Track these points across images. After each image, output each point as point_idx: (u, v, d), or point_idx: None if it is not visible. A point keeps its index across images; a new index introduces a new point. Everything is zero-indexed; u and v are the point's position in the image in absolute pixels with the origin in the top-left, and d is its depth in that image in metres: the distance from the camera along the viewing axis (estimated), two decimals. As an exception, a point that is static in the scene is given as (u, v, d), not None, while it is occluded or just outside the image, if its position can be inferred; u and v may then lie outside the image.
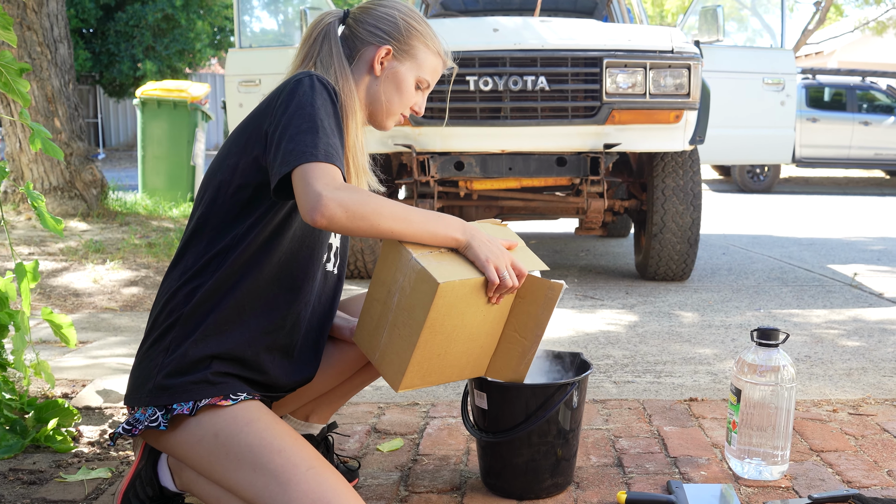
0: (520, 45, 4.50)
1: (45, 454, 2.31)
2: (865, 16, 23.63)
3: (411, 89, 1.89)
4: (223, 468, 1.60)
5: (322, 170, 1.55)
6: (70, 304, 4.50)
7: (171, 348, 1.66)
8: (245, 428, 1.60)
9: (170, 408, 1.63)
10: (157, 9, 18.97)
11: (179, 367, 1.65)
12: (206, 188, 1.75)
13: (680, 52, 4.48)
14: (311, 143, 1.57)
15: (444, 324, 1.67)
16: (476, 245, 1.67)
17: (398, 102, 1.89)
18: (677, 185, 4.86)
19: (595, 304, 4.52)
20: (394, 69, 1.87)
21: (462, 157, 4.64)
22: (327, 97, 1.67)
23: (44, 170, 6.73)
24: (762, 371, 2.08)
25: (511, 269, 1.69)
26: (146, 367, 1.68)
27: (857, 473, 2.16)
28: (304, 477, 1.54)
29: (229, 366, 1.67)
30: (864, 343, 3.64)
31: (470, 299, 1.68)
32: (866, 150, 15.22)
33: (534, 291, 1.78)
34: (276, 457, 1.56)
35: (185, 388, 1.63)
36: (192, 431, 1.63)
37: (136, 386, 1.70)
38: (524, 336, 1.81)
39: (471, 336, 1.76)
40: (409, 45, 1.87)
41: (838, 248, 7.10)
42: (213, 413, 1.62)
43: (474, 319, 1.73)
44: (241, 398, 1.65)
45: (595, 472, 2.17)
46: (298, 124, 1.60)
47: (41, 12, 6.58)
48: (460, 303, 1.66)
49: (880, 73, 15.87)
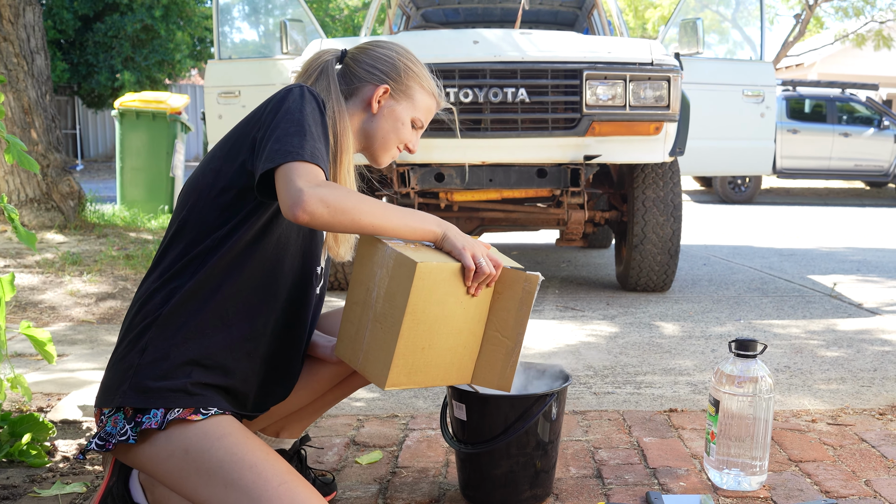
0: (500, 57, 4.51)
1: (18, 469, 2.28)
2: (845, 28, 23.82)
3: (407, 127, 1.95)
4: (194, 484, 1.58)
5: (305, 168, 1.57)
6: (47, 316, 4.46)
7: (147, 349, 1.64)
8: (216, 443, 1.58)
9: (138, 420, 1.61)
10: (136, 19, 18.91)
11: (158, 370, 1.62)
12: (188, 193, 1.74)
13: (660, 65, 4.50)
14: (298, 144, 1.59)
15: (425, 311, 1.67)
16: (452, 235, 1.72)
17: (394, 139, 1.94)
18: (658, 197, 4.87)
19: (576, 315, 4.52)
20: (391, 108, 1.93)
21: (442, 169, 4.64)
22: (316, 106, 1.70)
23: (20, 181, 6.67)
24: (740, 382, 2.09)
25: (487, 258, 1.73)
26: (120, 369, 1.65)
27: (835, 483, 2.16)
28: (275, 493, 1.52)
29: (210, 374, 1.65)
30: (843, 353, 3.65)
31: (449, 287, 1.70)
32: (846, 162, 15.36)
33: (511, 286, 1.79)
34: (247, 472, 1.54)
35: (161, 394, 1.61)
36: (162, 446, 1.60)
37: (109, 387, 1.66)
38: (506, 335, 1.80)
39: (453, 331, 1.76)
40: (406, 85, 1.93)
41: (818, 258, 7.14)
42: (182, 428, 1.60)
43: (455, 310, 1.74)
44: (212, 413, 1.62)
45: (574, 484, 2.17)
46: (286, 127, 1.63)
47: (17, 23, 6.54)
48: (439, 289, 1.68)
49: (860, 84, 16.01)
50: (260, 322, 1.71)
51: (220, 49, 6.04)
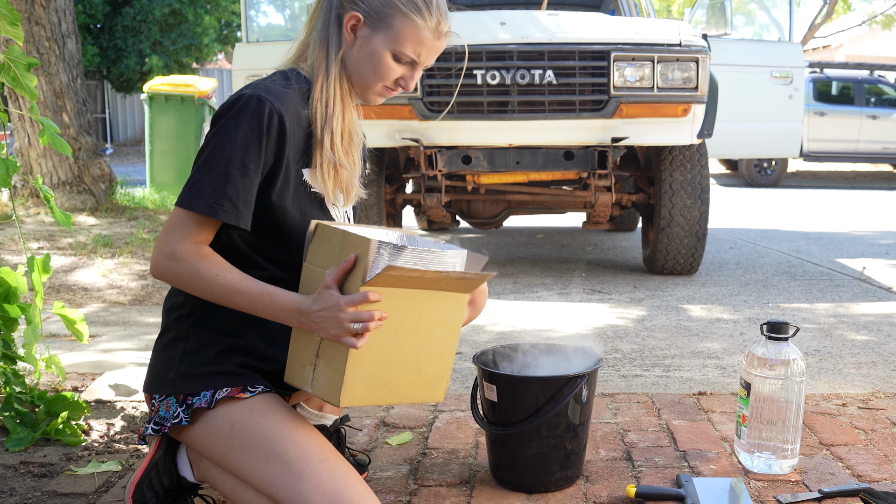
0: (527, 38, 4.50)
1: (55, 447, 2.32)
2: (873, 9, 23.56)
3: (386, 63, 1.72)
4: (237, 458, 1.61)
5: (180, 223, 1.60)
6: (79, 298, 4.51)
7: (189, 338, 1.70)
8: (261, 419, 1.61)
9: (189, 402, 1.65)
10: (164, 4, 18.97)
11: (203, 357, 1.68)
12: None
13: (688, 46, 4.47)
14: (197, 186, 1.60)
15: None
16: (312, 328, 1.57)
17: (372, 76, 1.74)
18: (685, 179, 4.85)
19: (603, 298, 4.52)
20: (366, 38, 1.71)
21: (469, 151, 4.64)
22: (255, 127, 1.60)
23: (52, 165, 6.74)
24: (772, 365, 2.08)
25: (348, 324, 1.52)
26: (166, 357, 1.72)
27: (867, 468, 2.15)
28: (316, 469, 1.55)
29: (251, 359, 1.70)
30: (874, 337, 3.63)
31: (398, 299, 1.60)
32: (874, 144, 15.17)
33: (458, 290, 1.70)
34: (290, 447, 1.57)
35: (208, 378, 1.66)
36: (210, 423, 1.65)
37: (157, 374, 1.73)
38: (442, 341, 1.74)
39: (403, 339, 1.65)
40: (383, 12, 1.69)
41: (846, 242, 7.08)
42: (230, 404, 1.65)
43: (407, 319, 1.64)
44: (259, 390, 1.66)
45: (604, 466, 2.17)
46: (205, 156, 1.62)
47: (49, 7, 6.59)
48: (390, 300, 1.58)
49: (888, 66, 15.81)
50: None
51: (248, 33, 6.06)
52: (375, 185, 4.95)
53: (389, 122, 4.56)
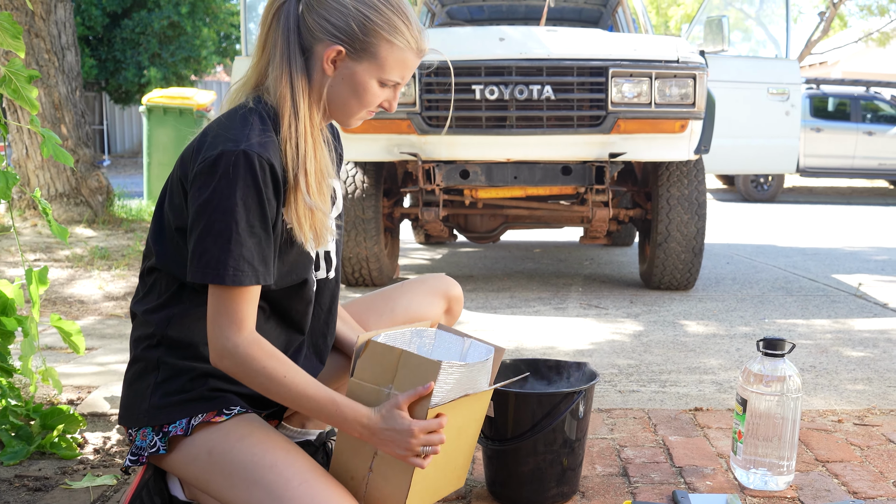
0: (525, 54, 4.52)
1: (50, 461, 2.32)
2: (869, 27, 23.65)
3: (372, 91, 1.66)
4: (218, 485, 1.60)
5: (219, 306, 1.54)
6: (76, 310, 4.51)
7: (160, 367, 1.66)
8: (237, 444, 1.59)
9: (166, 430, 1.63)
10: (163, 16, 19.01)
11: (175, 386, 1.65)
12: (157, 219, 1.71)
13: (685, 62, 4.49)
14: (221, 258, 1.51)
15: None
16: (376, 443, 1.60)
17: (356, 104, 1.68)
18: (682, 195, 4.86)
19: (599, 314, 4.52)
20: (349, 70, 1.63)
21: (467, 166, 4.65)
22: (251, 182, 1.52)
23: (50, 176, 6.75)
24: (768, 381, 2.09)
25: (418, 449, 1.57)
26: (138, 388, 1.68)
27: (862, 484, 2.15)
28: (296, 493, 1.53)
29: (226, 382, 1.67)
30: (870, 353, 3.63)
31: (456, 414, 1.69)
32: (870, 161, 15.21)
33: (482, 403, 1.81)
34: (267, 473, 1.55)
35: (181, 406, 1.63)
36: (187, 451, 1.63)
37: (130, 407, 1.70)
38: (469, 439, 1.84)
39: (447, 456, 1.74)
40: (367, 42, 1.61)
41: (843, 258, 7.10)
42: (206, 430, 1.62)
43: (452, 425, 1.70)
44: (235, 412, 1.64)
45: (600, 482, 2.17)
46: (209, 223, 1.52)
47: (49, 20, 6.61)
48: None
49: (884, 83, 15.86)
50: (265, 327, 1.70)
51: (247, 45, 6.09)
52: (373, 198, 4.95)
53: (388, 136, 4.57)
